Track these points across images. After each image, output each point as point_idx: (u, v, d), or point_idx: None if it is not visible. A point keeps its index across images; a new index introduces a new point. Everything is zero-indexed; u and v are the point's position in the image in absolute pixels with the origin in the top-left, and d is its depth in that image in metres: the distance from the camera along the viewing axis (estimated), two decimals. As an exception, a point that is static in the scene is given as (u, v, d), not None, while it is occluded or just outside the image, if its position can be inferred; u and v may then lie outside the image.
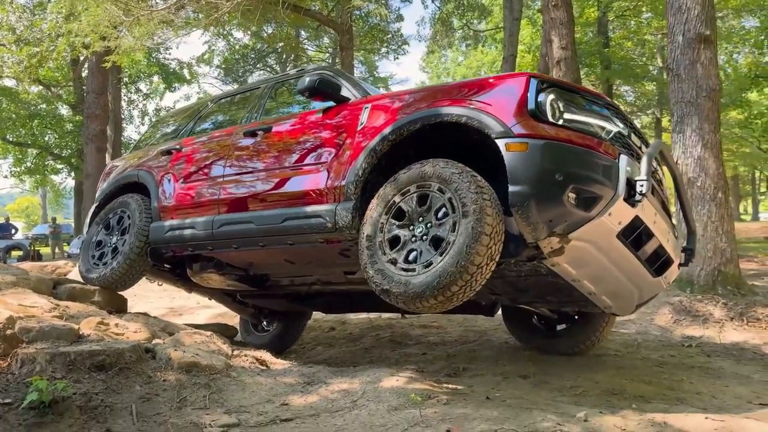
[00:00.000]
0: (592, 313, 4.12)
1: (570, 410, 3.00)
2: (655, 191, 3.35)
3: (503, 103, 3.07)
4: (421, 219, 3.10)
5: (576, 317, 4.38)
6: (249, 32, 14.94)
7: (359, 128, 3.57)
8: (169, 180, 4.70)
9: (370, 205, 3.29)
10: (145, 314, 4.48)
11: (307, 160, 3.79)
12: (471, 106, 3.13)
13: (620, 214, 2.98)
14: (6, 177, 27.63)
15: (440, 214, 3.03)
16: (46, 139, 25.22)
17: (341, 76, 4.15)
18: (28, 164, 25.85)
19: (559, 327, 4.52)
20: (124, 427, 2.67)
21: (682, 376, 3.69)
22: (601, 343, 4.45)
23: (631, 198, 2.95)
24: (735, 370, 3.89)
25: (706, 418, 2.41)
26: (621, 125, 3.29)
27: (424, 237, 3.05)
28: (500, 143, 2.96)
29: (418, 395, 3.04)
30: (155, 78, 29.09)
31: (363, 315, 6.51)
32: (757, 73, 16.96)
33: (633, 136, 3.39)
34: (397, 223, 3.16)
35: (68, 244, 20.54)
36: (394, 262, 3.08)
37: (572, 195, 2.85)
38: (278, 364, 4.01)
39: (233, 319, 6.53)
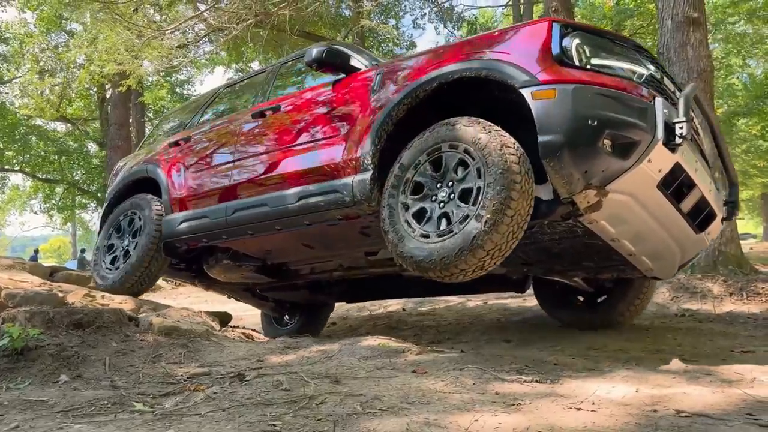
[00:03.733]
0: (630, 280, 3.87)
1: (543, 357, 2.97)
2: (694, 139, 3.15)
3: (525, 50, 2.90)
4: (443, 184, 2.97)
5: (612, 287, 4.09)
6: (260, 58, 15.32)
7: (372, 96, 3.43)
8: (179, 170, 4.61)
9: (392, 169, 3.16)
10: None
11: (319, 135, 3.65)
12: (490, 58, 2.97)
13: (660, 160, 2.75)
14: (36, 213, 28.46)
15: (466, 176, 2.88)
16: (74, 175, 25.99)
17: (349, 47, 4.02)
18: (57, 200, 26.60)
19: (598, 300, 4.21)
20: (96, 374, 2.71)
21: (668, 335, 3.62)
22: (641, 312, 4.16)
23: (671, 142, 2.73)
24: (723, 329, 3.80)
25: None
26: (653, 68, 3.09)
27: (452, 197, 2.91)
28: (525, 92, 2.77)
29: (388, 344, 3.03)
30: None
31: (365, 312, 6.51)
32: (774, 81, 16.74)
33: (665, 80, 3.19)
34: (417, 196, 3.05)
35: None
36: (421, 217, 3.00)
37: (608, 141, 2.65)
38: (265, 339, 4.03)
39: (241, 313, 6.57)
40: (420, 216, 2.99)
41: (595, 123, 2.63)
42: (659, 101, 2.78)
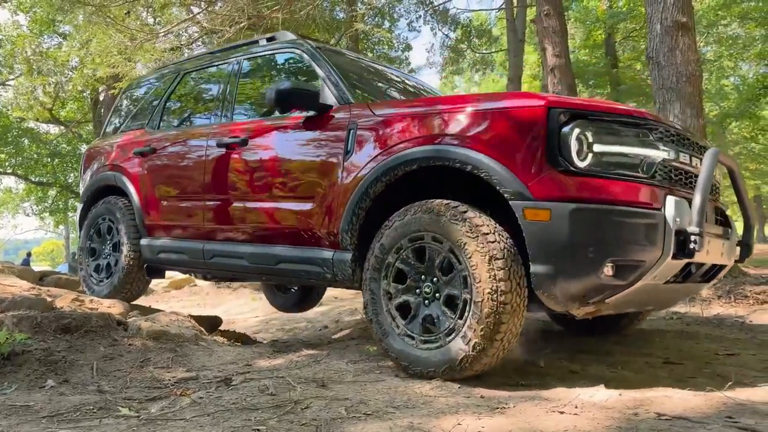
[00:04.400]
0: None
1: (531, 360, 2.99)
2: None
3: (517, 146, 2.50)
4: (428, 277, 2.71)
5: None
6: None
7: (346, 158, 3.10)
8: (149, 191, 4.36)
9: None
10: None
11: (292, 190, 3.36)
12: (477, 149, 2.58)
13: (668, 270, 2.49)
14: (28, 216, 28.36)
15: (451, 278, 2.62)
16: (67, 178, 25.90)
17: (319, 64, 3.57)
18: (49, 203, 26.52)
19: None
20: (83, 379, 2.71)
21: (655, 338, 3.64)
22: (647, 317, 4.02)
23: (681, 254, 2.42)
24: (709, 332, 3.83)
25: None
26: (664, 148, 2.57)
27: (437, 296, 2.67)
28: (516, 207, 2.44)
29: (375, 349, 3.04)
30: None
31: (358, 315, 6.51)
32: (765, 85, 16.83)
33: (681, 154, 2.68)
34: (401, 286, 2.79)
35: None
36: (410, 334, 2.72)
37: (609, 267, 2.36)
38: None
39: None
40: (404, 311, 2.75)
41: (596, 252, 2.34)
42: (670, 206, 2.42)
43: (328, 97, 3.37)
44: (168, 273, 5.29)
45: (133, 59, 10.16)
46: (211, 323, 4.78)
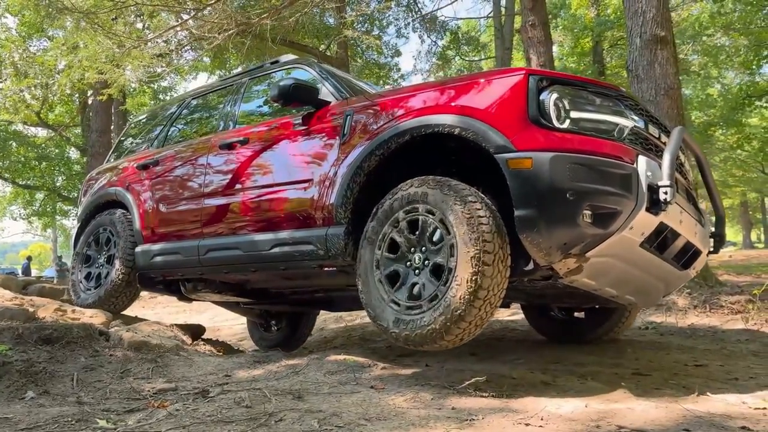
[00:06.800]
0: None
1: (504, 371, 3.06)
2: (678, 181, 3.01)
3: (501, 108, 2.73)
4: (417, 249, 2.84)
5: (598, 308, 3.99)
6: (243, 66, 15.35)
7: (342, 140, 3.30)
8: (148, 200, 4.51)
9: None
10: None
11: (290, 177, 3.53)
12: (464, 114, 2.81)
13: (643, 224, 2.65)
14: (16, 220, 28.18)
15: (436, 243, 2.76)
16: (55, 181, 25.79)
17: (319, 71, 3.89)
18: (37, 207, 26.38)
19: (582, 315, 4.19)
20: (63, 390, 2.75)
21: (628, 348, 3.73)
22: (629, 327, 4.15)
23: (654, 207, 2.61)
24: (681, 343, 3.91)
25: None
26: (635, 117, 2.89)
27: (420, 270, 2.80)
28: (500, 159, 2.63)
29: (354, 359, 3.10)
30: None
31: (341, 323, 6.57)
32: (749, 93, 17.10)
33: (650, 126, 3.00)
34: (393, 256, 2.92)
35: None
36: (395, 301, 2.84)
37: (587, 212, 2.52)
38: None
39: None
40: (393, 280, 2.87)
41: (575, 196, 2.50)
42: (642, 162, 2.64)
43: (327, 95, 3.63)
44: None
45: (121, 65, 10.16)
46: (194, 332, 4.79)
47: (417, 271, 2.80)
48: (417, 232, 2.83)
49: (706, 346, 3.83)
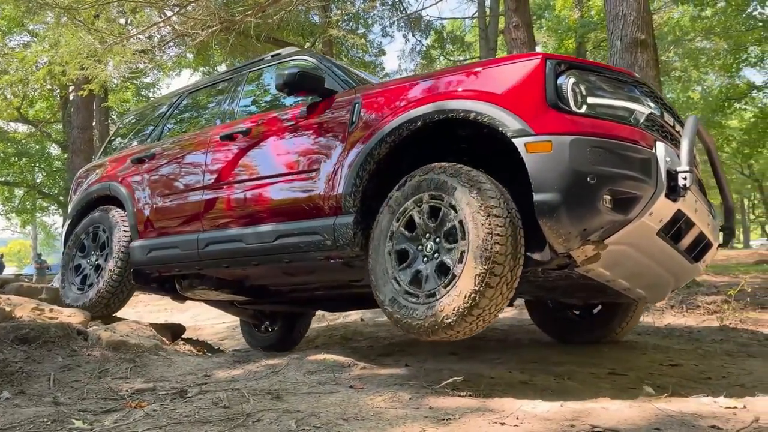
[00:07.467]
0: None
1: (482, 371, 3.08)
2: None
3: (518, 92, 2.69)
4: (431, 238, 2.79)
5: (602, 306, 4.03)
6: (227, 62, 15.29)
7: (351, 128, 3.22)
8: (145, 193, 4.39)
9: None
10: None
11: (295, 167, 3.44)
12: (480, 99, 2.76)
13: (662, 211, 2.63)
14: (-6, 216, 27.82)
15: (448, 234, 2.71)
16: (35, 177, 25.48)
17: (324, 62, 3.82)
18: (16, 203, 26.04)
19: (588, 315, 4.13)
20: (39, 390, 2.73)
21: (604, 348, 3.78)
22: (634, 326, 4.12)
23: (673, 193, 2.60)
24: (658, 343, 3.98)
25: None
26: (652, 104, 2.88)
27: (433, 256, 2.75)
28: (518, 143, 2.58)
29: (334, 359, 3.11)
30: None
31: (324, 322, 6.57)
32: (729, 96, 17.36)
33: (666, 115, 2.99)
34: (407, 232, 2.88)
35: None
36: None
37: (608, 198, 2.49)
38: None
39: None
40: (402, 257, 2.85)
41: (595, 180, 2.47)
42: (661, 148, 2.63)
43: (333, 85, 3.54)
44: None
45: (103, 61, 10.08)
46: (174, 332, 4.76)
47: (425, 259, 2.77)
48: (436, 221, 2.77)
49: (681, 345, 3.90)
